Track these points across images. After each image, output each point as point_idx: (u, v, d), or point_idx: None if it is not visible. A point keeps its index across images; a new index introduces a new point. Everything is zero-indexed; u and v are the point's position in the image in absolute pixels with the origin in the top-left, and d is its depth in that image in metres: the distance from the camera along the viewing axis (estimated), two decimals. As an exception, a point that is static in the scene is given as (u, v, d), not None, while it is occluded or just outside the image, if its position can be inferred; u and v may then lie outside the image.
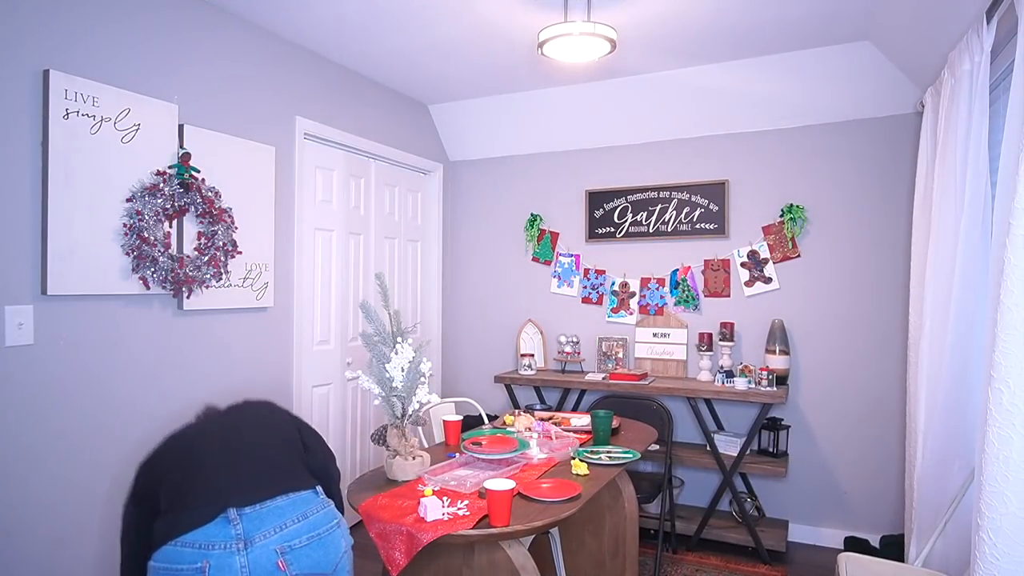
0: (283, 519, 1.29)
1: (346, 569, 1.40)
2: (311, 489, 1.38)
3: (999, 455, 1.46)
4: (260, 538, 1.27)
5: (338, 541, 1.37)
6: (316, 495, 1.39)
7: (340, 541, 1.38)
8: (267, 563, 1.26)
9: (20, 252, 2.09)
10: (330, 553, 1.32)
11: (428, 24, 2.97)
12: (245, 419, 1.47)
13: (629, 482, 2.62)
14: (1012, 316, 1.45)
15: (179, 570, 1.24)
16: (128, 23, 2.42)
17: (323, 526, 1.34)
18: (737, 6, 2.77)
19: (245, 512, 1.28)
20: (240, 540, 1.25)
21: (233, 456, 1.36)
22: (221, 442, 1.39)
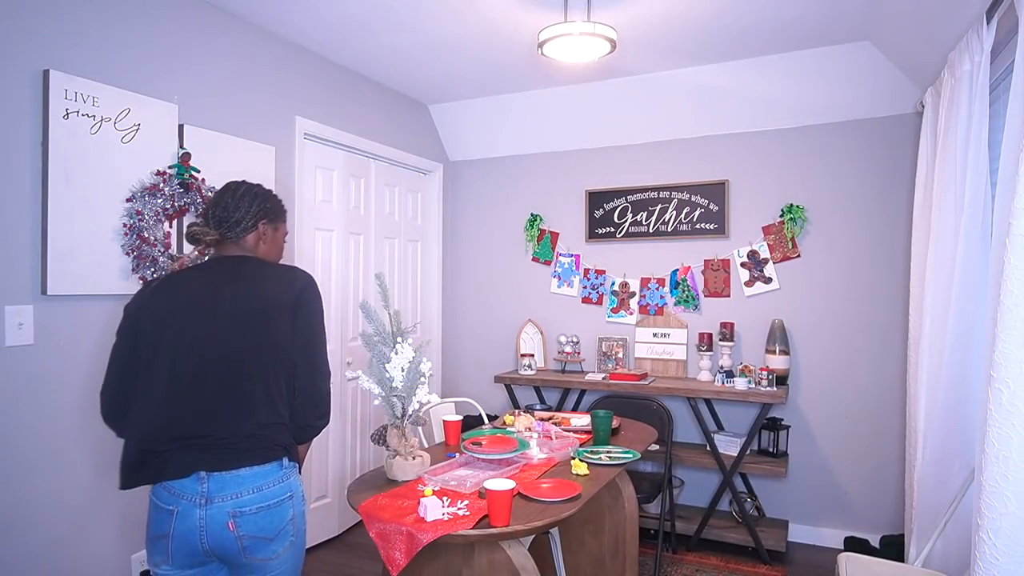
0: (240, 488, 1.47)
1: (289, 534, 1.55)
2: (276, 462, 1.53)
3: (999, 455, 1.46)
4: (219, 500, 1.46)
5: (285, 512, 1.53)
6: (278, 468, 1.54)
7: (288, 512, 1.53)
8: (220, 521, 1.46)
9: (20, 252, 2.09)
10: (275, 522, 1.50)
11: (428, 24, 2.97)
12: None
13: (629, 482, 2.62)
14: (1012, 316, 1.45)
15: (159, 507, 1.50)
16: (128, 23, 2.42)
17: (274, 499, 1.51)
18: (737, 6, 2.77)
19: (213, 475, 1.47)
20: (203, 497, 1.46)
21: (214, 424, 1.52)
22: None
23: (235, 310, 1.55)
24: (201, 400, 1.50)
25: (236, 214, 1.67)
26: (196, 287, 1.59)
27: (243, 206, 1.68)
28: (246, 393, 1.52)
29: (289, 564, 1.59)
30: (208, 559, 1.51)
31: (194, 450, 1.48)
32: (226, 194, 1.69)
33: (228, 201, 1.68)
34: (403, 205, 4.14)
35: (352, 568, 3.22)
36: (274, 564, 1.54)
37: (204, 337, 1.53)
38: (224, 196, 1.69)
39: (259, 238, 1.72)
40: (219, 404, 1.51)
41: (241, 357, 1.53)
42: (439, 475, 2.08)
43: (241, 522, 1.47)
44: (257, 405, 1.52)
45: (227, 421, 1.50)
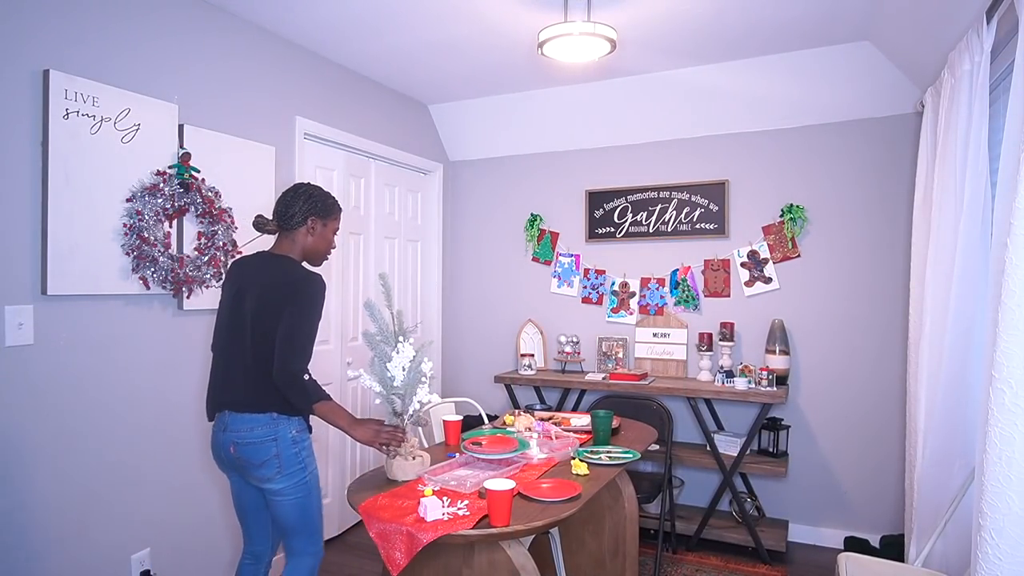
0: (240, 427, 1.99)
1: (274, 466, 1.98)
2: (267, 413, 1.99)
3: (1001, 455, 1.46)
4: (229, 431, 2.01)
5: (268, 449, 1.98)
6: (270, 419, 1.99)
7: (270, 448, 1.98)
8: (227, 445, 2.02)
9: (20, 252, 2.09)
10: (259, 454, 1.98)
11: (428, 24, 2.97)
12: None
13: (629, 482, 2.62)
14: (1014, 316, 1.44)
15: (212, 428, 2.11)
16: (128, 23, 2.42)
17: (260, 439, 1.98)
18: (737, 6, 2.77)
19: (228, 412, 2.03)
20: (223, 425, 2.04)
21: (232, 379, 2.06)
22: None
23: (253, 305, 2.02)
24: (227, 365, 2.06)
25: (291, 210, 2.09)
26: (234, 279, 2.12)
27: (297, 204, 2.09)
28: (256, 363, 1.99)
29: (292, 498, 2.02)
30: (232, 469, 2.08)
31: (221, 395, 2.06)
32: (288, 192, 2.12)
33: (289, 199, 2.10)
34: (403, 205, 4.14)
35: (352, 568, 3.22)
36: (274, 492, 2.01)
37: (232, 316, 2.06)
38: (287, 194, 2.11)
39: (308, 231, 2.12)
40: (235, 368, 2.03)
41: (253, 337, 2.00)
42: (439, 475, 2.08)
43: (238, 448, 2.00)
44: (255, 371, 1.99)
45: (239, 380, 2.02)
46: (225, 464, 2.08)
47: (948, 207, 2.34)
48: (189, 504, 2.68)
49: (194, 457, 2.70)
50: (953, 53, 2.34)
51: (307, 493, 2.04)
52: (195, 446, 2.71)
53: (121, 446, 2.41)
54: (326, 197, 2.15)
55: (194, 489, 2.70)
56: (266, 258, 2.11)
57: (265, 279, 2.03)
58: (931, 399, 2.44)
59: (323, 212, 2.13)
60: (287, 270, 2.03)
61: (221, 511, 2.83)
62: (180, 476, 2.64)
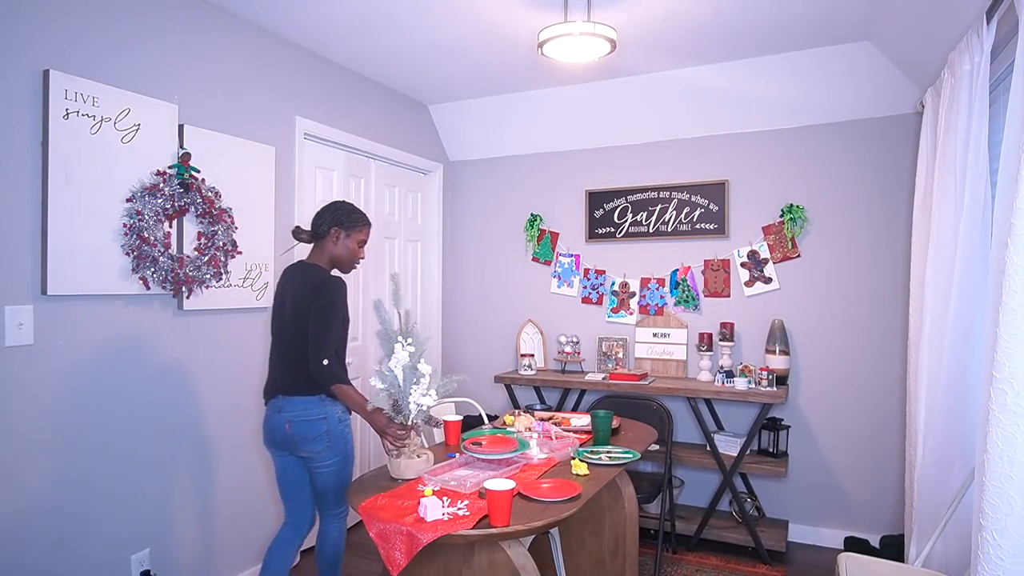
0: (294, 408, 2.29)
1: (325, 440, 2.30)
2: (317, 396, 2.30)
3: (1003, 455, 1.45)
4: (284, 412, 2.30)
5: (319, 426, 2.29)
6: (319, 400, 2.30)
7: (322, 426, 2.29)
8: (282, 424, 2.30)
9: (20, 252, 2.09)
10: (313, 430, 2.29)
11: (428, 24, 2.97)
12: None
13: (629, 482, 2.62)
14: (1015, 317, 1.44)
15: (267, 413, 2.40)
16: (128, 23, 2.42)
17: (311, 418, 2.29)
18: (737, 6, 2.77)
19: (281, 396, 2.33)
20: (277, 407, 2.32)
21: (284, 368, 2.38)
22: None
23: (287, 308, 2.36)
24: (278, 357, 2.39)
25: (319, 221, 2.40)
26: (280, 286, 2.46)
27: (324, 216, 2.40)
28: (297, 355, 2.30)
29: (334, 468, 2.34)
30: (281, 446, 2.36)
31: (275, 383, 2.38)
32: (321, 207, 2.44)
33: (319, 212, 2.42)
34: (403, 205, 4.14)
35: (352, 568, 3.22)
36: (319, 462, 2.31)
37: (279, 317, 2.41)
38: (320, 209, 2.44)
39: (332, 241, 2.40)
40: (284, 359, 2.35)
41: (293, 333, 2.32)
42: (439, 475, 2.08)
43: (294, 426, 2.28)
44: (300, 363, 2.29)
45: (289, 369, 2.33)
46: (276, 442, 2.36)
47: (948, 207, 2.34)
48: (189, 504, 2.68)
49: (194, 457, 2.71)
50: (953, 53, 2.34)
51: (345, 462, 2.38)
52: (195, 446, 2.71)
53: (121, 446, 2.41)
54: (351, 211, 2.43)
55: (194, 489, 2.70)
56: (300, 266, 2.44)
57: (298, 284, 2.36)
58: (931, 399, 2.44)
59: (346, 224, 2.40)
60: (313, 276, 2.34)
61: (221, 511, 2.83)
62: (180, 476, 2.64)
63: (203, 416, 2.75)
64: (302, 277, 2.37)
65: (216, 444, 2.81)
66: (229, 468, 2.87)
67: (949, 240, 2.32)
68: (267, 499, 3.08)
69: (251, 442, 2.98)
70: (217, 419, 2.81)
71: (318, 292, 2.28)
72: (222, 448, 2.84)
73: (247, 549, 2.96)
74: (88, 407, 2.30)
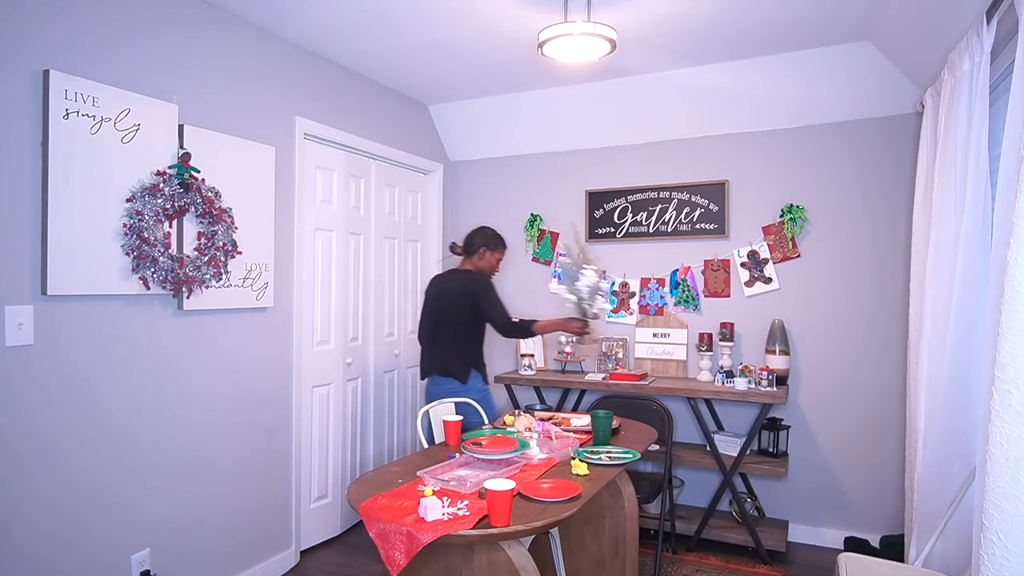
0: (445, 385, 3.11)
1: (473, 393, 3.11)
2: (457, 379, 3.10)
3: (1008, 456, 1.44)
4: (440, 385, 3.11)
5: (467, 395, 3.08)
6: (459, 382, 3.10)
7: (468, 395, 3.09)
8: (440, 394, 3.07)
9: (20, 252, 2.09)
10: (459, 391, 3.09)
11: (428, 24, 2.97)
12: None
13: (629, 482, 2.62)
14: (1019, 317, 1.43)
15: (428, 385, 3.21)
16: (128, 23, 2.42)
17: (455, 395, 3.08)
18: (737, 6, 2.77)
19: (436, 376, 3.14)
20: (435, 383, 3.13)
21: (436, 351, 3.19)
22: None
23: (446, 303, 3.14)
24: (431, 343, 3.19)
25: (472, 241, 3.25)
26: (436, 288, 3.23)
27: (476, 238, 3.25)
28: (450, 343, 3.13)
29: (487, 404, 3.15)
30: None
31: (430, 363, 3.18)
32: (474, 230, 3.29)
33: (472, 234, 3.27)
34: (403, 205, 4.14)
35: (352, 568, 3.22)
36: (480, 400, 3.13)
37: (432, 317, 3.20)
38: (472, 232, 3.28)
39: (480, 257, 3.23)
40: (434, 346, 3.17)
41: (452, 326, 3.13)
42: (439, 475, 2.08)
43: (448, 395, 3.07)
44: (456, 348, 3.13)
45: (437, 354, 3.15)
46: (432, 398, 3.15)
47: (948, 207, 2.34)
48: (189, 504, 2.68)
49: (194, 457, 2.70)
50: (953, 53, 2.34)
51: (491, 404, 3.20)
52: (195, 446, 2.71)
53: (121, 446, 2.41)
54: (496, 236, 3.27)
55: (194, 489, 2.70)
56: (455, 272, 3.25)
57: (458, 286, 3.15)
58: (931, 399, 2.44)
59: (491, 245, 3.24)
60: (469, 279, 3.16)
61: (221, 511, 2.83)
62: (180, 476, 2.64)
63: (203, 416, 2.75)
64: (462, 281, 3.16)
65: (216, 444, 2.81)
66: (229, 468, 2.87)
67: (950, 240, 2.32)
68: (267, 499, 3.08)
69: (251, 442, 2.98)
70: (217, 419, 2.81)
71: (478, 289, 3.12)
72: (222, 448, 2.84)
73: (247, 549, 2.96)
74: (88, 407, 2.30)
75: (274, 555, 3.11)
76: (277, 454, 3.14)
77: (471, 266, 3.23)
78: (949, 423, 2.30)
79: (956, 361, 2.25)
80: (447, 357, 3.11)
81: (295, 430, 3.23)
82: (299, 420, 3.26)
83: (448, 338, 3.12)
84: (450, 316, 3.11)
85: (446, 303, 3.12)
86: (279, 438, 3.15)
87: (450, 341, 3.11)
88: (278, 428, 3.14)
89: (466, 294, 3.10)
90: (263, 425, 3.05)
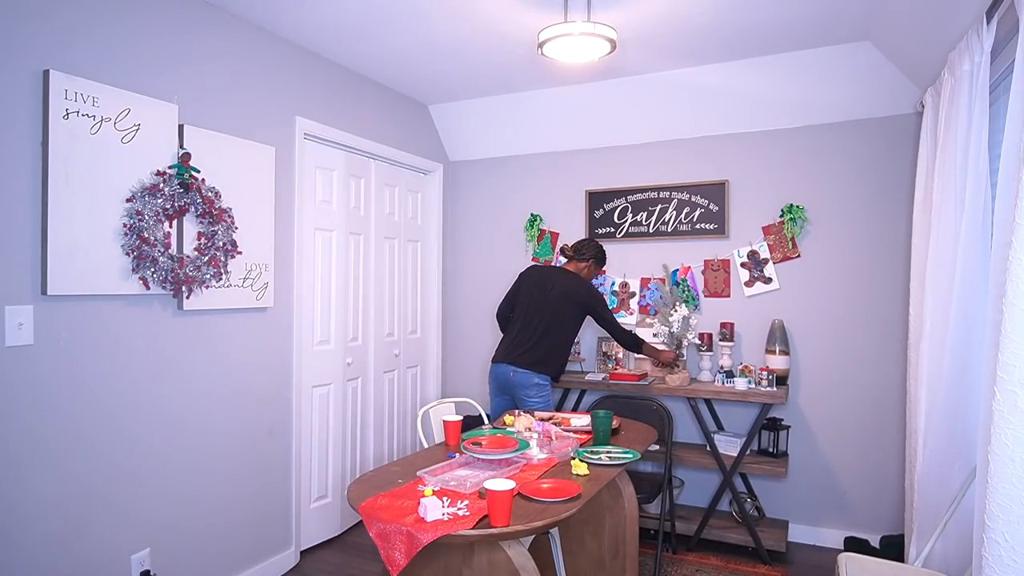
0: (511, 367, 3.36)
1: (530, 393, 3.34)
2: (533, 370, 3.33)
3: (1014, 457, 1.43)
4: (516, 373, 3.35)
5: (531, 378, 3.34)
6: (531, 372, 3.33)
7: (533, 379, 3.34)
8: (509, 373, 3.37)
9: (20, 252, 2.09)
10: (517, 380, 3.35)
11: (428, 24, 2.97)
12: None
13: (629, 482, 2.62)
14: (1023, 317, 1.43)
15: (493, 369, 3.48)
16: (128, 23, 2.42)
17: (514, 378, 3.35)
18: (737, 6, 2.77)
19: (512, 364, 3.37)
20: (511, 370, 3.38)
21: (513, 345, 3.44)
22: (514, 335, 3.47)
23: (552, 296, 3.39)
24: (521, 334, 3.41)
25: (583, 250, 3.55)
26: (540, 276, 3.50)
27: (589, 248, 3.55)
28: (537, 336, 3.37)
29: (541, 403, 3.34)
30: (504, 392, 3.45)
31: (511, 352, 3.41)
32: (586, 240, 3.61)
33: (585, 243, 3.57)
34: (403, 205, 4.14)
35: (352, 568, 3.22)
36: (532, 399, 3.34)
37: (532, 304, 3.42)
38: (585, 241, 3.60)
39: (588, 266, 3.54)
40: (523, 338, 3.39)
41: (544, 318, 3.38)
42: (439, 475, 2.08)
43: (516, 375, 3.34)
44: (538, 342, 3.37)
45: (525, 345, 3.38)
46: (502, 388, 3.43)
47: (948, 207, 2.34)
48: (189, 504, 2.68)
49: (194, 457, 2.71)
50: (953, 53, 2.34)
51: (547, 398, 3.38)
52: (195, 446, 2.71)
53: (121, 446, 2.41)
54: (604, 254, 3.62)
55: (194, 489, 2.70)
56: (561, 270, 3.52)
57: (569, 284, 3.41)
58: (931, 399, 2.44)
59: (597, 260, 3.57)
60: (581, 282, 3.45)
61: (221, 511, 2.83)
62: (180, 476, 2.64)
63: (203, 416, 2.75)
64: (572, 279, 3.43)
65: (216, 444, 2.81)
66: (229, 468, 2.87)
67: (950, 240, 2.32)
68: (267, 499, 3.08)
69: (251, 442, 2.98)
70: (217, 419, 2.81)
71: (592, 299, 3.40)
72: (222, 448, 2.84)
73: (247, 549, 2.96)
74: (88, 407, 2.30)
75: (274, 555, 3.11)
76: (277, 454, 3.14)
77: (576, 270, 3.51)
78: (949, 423, 2.30)
79: (956, 361, 2.24)
80: (539, 349, 3.34)
81: (295, 430, 3.23)
82: (299, 420, 3.26)
83: (547, 330, 3.35)
84: (551, 309, 3.35)
85: (550, 296, 3.36)
86: (279, 438, 3.15)
87: (549, 333, 3.34)
88: (278, 428, 3.14)
89: (577, 294, 3.35)
90: (263, 425, 3.05)
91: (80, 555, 2.27)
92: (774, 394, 3.25)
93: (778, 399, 3.24)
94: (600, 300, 3.41)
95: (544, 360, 3.34)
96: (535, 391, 3.33)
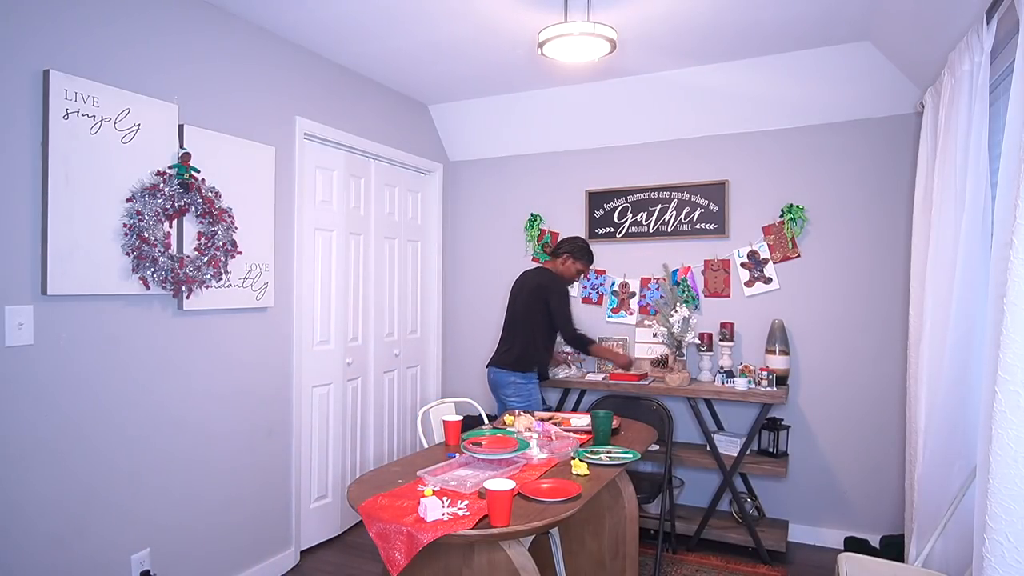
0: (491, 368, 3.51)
1: (508, 392, 3.46)
2: (509, 369, 3.45)
3: (1016, 458, 1.43)
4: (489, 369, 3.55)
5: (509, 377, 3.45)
6: (507, 372, 3.45)
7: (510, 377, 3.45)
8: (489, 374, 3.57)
9: (20, 252, 2.09)
10: (496, 380, 3.50)
11: (428, 24, 2.97)
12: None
13: (629, 482, 2.62)
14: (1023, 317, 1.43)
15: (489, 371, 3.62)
16: (128, 23, 2.42)
17: (494, 379, 3.51)
18: (737, 6, 2.77)
19: (493, 366, 3.53)
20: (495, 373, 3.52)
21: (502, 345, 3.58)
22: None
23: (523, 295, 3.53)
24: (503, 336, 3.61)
25: (560, 246, 3.67)
26: (521, 279, 3.65)
27: (564, 244, 3.64)
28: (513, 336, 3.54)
29: (519, 402, 3.44)
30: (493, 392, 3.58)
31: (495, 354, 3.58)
32: (567, 237, 3.74)
33: (563, 240, 3.67)
34: (403, 205, 4.14)
35: (352, 568, 3.22)
36: (510, 397, 3.46)
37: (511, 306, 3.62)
38: (566, 237, 3.71)
39: (563, 261, 3.61)
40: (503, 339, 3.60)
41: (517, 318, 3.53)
42: (439, 475, 2.08)
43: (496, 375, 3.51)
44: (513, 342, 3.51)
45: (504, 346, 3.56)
46: (491, 390, 3.59)
47: (948, 207, 2.34)
48: (189, 504, 2.68)
49: (194, 457, 2.70)
50: (953, 53, 2.34)
51: (529, 397, 3.47)
52: (195, 446, 2.71)
53: (121, 446, 2.41)
54: (583, 248, 3.64)
55: (194, 489, 2.70)
56: (538, 269, 3.68)
57: (539, 279, 3.53)
58: (931, 399, 2.44)
59: (576, 255, 3.61)
60: (549, 275, 3.54)
61: (221, 511, 2.83)
62: (180, 476, 2.64)
63: (203, 416, 2.75)
64: (539, 277, 3.53)
65: (216, 444, 2.81)
66: (229, 468, 2.87)
67: (950, 240, 2.32)
68: (267, 499, 3.08)
69: (251, 442, 2.98)
70: (217, 419, 2.81)
71: (555, 286, 3.46)
72: (222, 448, 2.84)
73: (247, 549, 2.96)
74: (88, 407, 2.30)
75: (274, 555, 3.11)
76: (277, 454, 3.14)
77: (552, 267, 3.61)
78: (949, 423, 2.30)
79: (956, 361, 2.24)
80: (514, 348, 3.47)
81: (295, 430, 3.23)
82: (299, 420, 3.26)
83: (518, 329, 3.48)
84: (523, 308, 3.49)
85: (523, 295, 3.52)
86: (279, 438, 3.15)
87: (519, 332, 3.48)
88: (278, 428, 3.14)
89: (540, 288, 3.45)
90: (263, 425, 3.05)
91: (80, 555, 2.27)
92: (774, 394, 3.25)
93: (778, 399, 3.24)
94: (558, 291, 3.46)
95: (520, 359, 3.45)
96: (512, 390, 3.45)
